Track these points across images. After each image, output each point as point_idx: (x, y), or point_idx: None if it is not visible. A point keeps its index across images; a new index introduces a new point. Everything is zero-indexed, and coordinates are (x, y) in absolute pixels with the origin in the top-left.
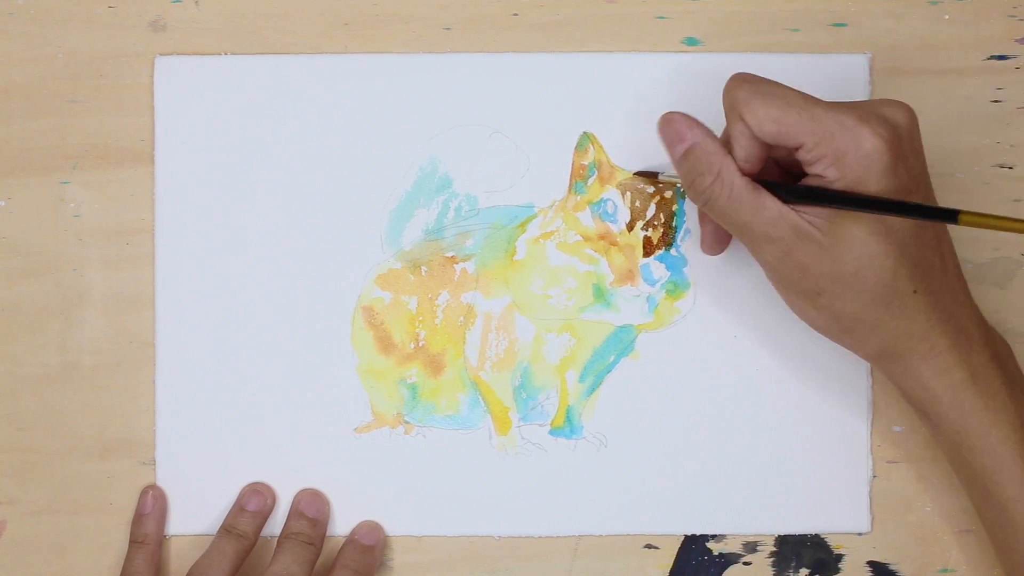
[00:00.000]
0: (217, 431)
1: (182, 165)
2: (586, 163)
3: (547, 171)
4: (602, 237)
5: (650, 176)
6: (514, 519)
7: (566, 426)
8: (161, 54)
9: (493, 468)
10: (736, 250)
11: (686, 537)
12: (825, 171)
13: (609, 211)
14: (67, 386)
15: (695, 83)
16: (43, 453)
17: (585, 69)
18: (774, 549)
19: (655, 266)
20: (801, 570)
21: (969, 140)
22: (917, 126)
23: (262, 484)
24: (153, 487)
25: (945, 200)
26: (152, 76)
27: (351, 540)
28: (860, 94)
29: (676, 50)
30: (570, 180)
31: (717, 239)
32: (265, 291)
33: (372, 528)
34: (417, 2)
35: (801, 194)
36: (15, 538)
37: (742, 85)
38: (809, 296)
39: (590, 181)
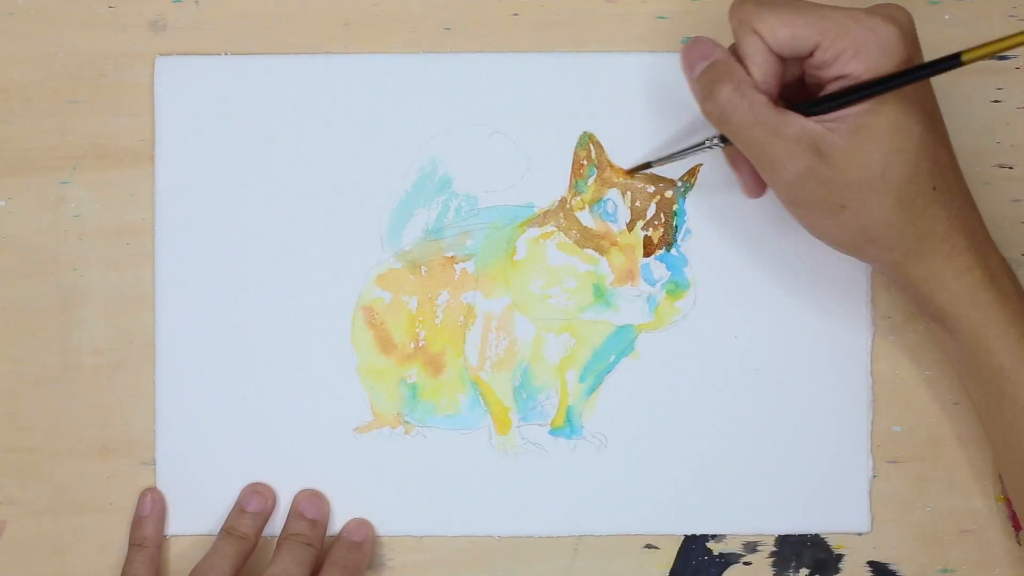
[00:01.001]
0: (217, 431)
1: (182, 165)
2: (586, 163)
3: (547, 171)
4: (602, 237)
5: (644, 167)
6: (514, 519)
7: (566, 426)
8: (161, 54)
9: (493, 468)
10: (736, 250)
11: (686, 537)
12: (847, 65)
13: (609, 211)
14: (67, 386)
15: None
16: (43, 453)
17: (585, 69)
18: (774, 549)
19: (655, 266)
20: (801, 570)
21: (969, 140)
22: (914, 26)
23: (262, 484)
24: (152, 490)
25: None
26: (152, 76)
27: (340, 537)
28: None
29: (676, 50)
30: (570, 180)
31: (757, 179)
32: (265, 291)
33: (360, 524)
34: (417, 2)
35: (822, 103)
36: (15, 538)
37: (746, 1)
38: (832, 211)
39: (590, 181)
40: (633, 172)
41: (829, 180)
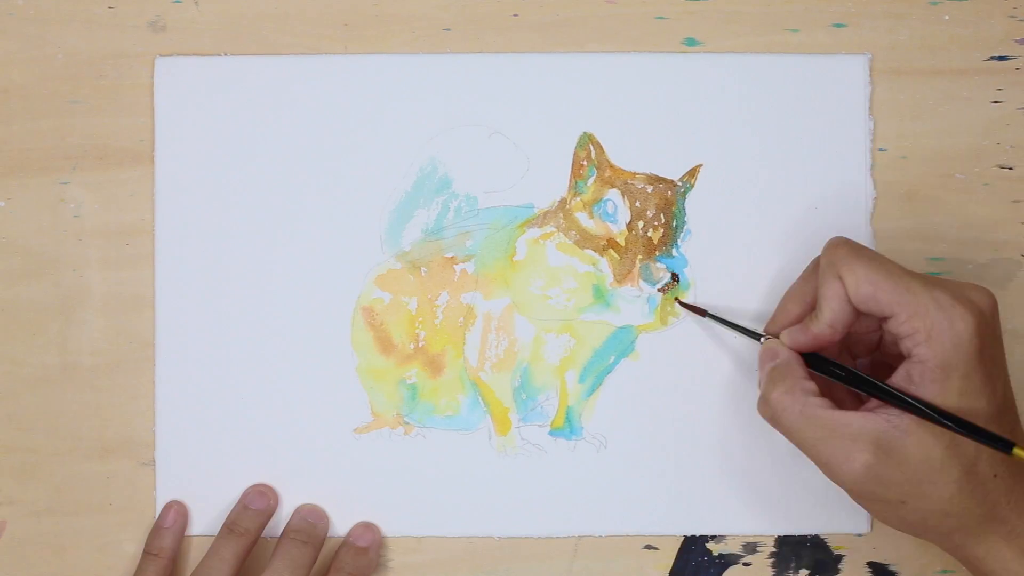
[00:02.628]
0: (217, 431)
1: (182, 165)
2: (586, 163)
3: (547, 171)
4: (602, 237)
5: (698, 311)
6: (514, 519)
7: (566, 427)
8: (161, 54)
9: (493, 469)
10: (736, 250)
11: (686, 538)
12: (916, 348)
13: (609, 211)
14: (67, 386)
15: (695, 83)
16: (43, 453)
17: (585, 69)
18: (774, 550)
19: (655, 266)
20: (801, 571)
21: (969, 141)
22: (998, 312)
23: (266, 486)
24: (177, 503)
25: (946, 201)
26: (152, 76)
27: (345, 543)
28: (860, 95)
29: (676, 50)
30: (570, 180)
31: None
32: (265, 291)
33: (367, 529)
34: (417, 2)
35: (877, 390)
36: (15, 538)
37: (844, 244)
38: (892, 507)
39: (590, 181)
40: (685, 306)
41: (888, 478)
